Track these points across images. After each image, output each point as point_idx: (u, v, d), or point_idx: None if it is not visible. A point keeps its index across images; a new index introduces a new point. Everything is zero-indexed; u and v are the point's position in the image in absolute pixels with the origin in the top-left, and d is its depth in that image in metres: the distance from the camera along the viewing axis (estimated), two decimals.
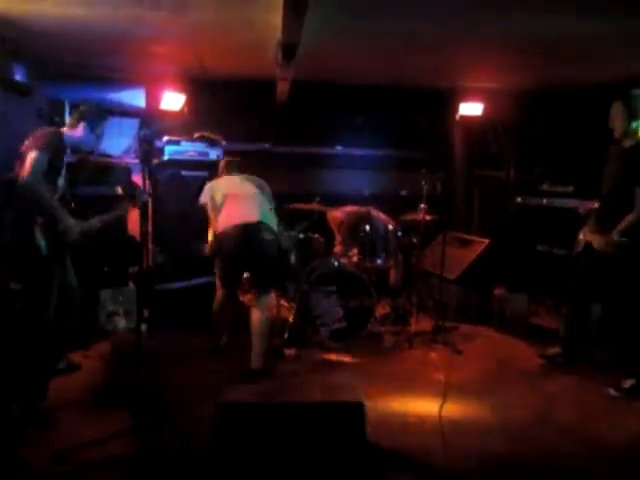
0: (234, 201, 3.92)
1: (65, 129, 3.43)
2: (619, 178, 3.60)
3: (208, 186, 4.10)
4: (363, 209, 5.21)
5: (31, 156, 3.05)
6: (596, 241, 3.68)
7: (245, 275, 4.18)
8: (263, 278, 3.90)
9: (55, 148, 3.18)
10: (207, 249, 4.07)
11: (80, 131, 3.41)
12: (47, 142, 3.13)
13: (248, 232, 3.78)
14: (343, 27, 4.16)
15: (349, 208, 5.55)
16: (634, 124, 3.51)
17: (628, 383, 3.64)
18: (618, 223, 3.52)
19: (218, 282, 4.05)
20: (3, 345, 3.36)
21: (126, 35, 4.41)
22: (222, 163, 4.40)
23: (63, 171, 3.34)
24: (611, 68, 5.07)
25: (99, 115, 3.49)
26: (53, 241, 3.18)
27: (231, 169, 4.26)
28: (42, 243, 3.14)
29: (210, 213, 4.00)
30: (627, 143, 3.60)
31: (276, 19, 3.65)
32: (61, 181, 3.33)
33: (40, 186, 3.07)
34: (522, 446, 2.96)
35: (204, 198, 4.03)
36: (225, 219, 3.87)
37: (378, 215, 5.47)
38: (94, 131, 3.45)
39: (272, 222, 3.98)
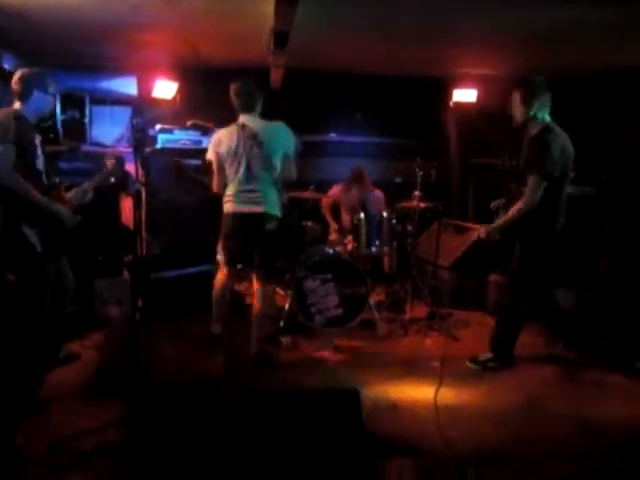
0: (238, 168, 3.63)
1: (18, 105, 3.18)
2: (521, 166, 3.59)
3: (215, 138, 3.75)
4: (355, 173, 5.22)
5: None
6: (480, 231, 3.74)
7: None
8: (267, 262, 3.79)
9: (17, 132, 2.99)
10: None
11: (36, 99, 3.19)
12: (5, 130, 2.95)
13: (251, 226, 3.67)
14: (336, 15, 4.14)
15: (339, 186, 5.55)
16: (532, 111, 3.47)
17: (485, 356, 3.77)
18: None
19: (222, 260, 3.85)
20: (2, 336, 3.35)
21: (118, 23, 4.37)
22: (231, 92, 3.72)
23: (39, 150, 3.19)
24: (606, 57, 5.07)
25: (42, 74, 3.27)
26: (48, 236, 3.14)
27: (242, 105, 3.69)
28: (35, 239, 3.09)
29: (216, 172, 3.74)
30: (532, 131, 3.54)
31: (268, 7, 3.62)
32: (39, 162, 3.19)
33: (16, 182, 2.95)
34: (517, 431, 2.98)
35: (209, 154, 3.75)
36: (229, 196, 3.69)
37: (372, 192, 5.48)
38: (48, 92, 3.26)
39: (276, 201, 3.72)
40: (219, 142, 3.69)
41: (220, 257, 3.87)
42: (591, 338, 4.13)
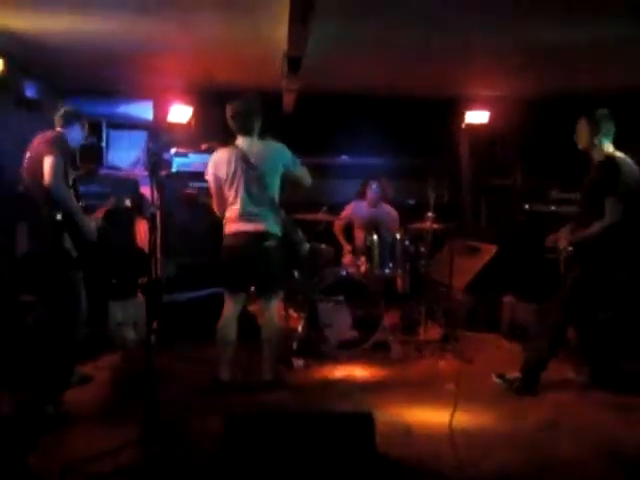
0: (237, 191, 3.63)
1: (62, 130, 3.46)
2: (587, 191, 3.71)
3: (213, 160, 3.72)
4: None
5: (48, 161, 3.11)
6: (562, 243, 3.75)
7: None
8: (269, 284, 3.77)
9: (66, 150, 3.27)
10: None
11: (76, 131, 3.52)
12: (60, 146, 3.21)
13: (252, 243, 3.64)
14: (348, 38, 4.20)
15: (350, 205, 5.58)
16: (596, 139, 3.63)
17: (514, 375, 3.76)
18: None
19: (225, 291, 3.83)
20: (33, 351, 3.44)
21: (134, 50, 4.48)
22: (227, 113, 3.68)
23: (72, 172, 3.43)
24: (617, 76, 5.08)
25: (81, 112, 3.64)
26: (76, 244, 3.29)
27: (238, 128, 3.67)
28: (70, 245, 3.26)
29: (215, 193, 3.72)
30: (596, 157, 3.68)
31: (282, 32, 3.69)
32: (70, 182, 3.39)
33: (67, 190, 3.19)
34: (533, 455, 2.93)
35: (208, 176, 3.73)
36: (230, 218, 3.69)
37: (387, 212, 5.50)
38: (83, 129, 3.60)
39: (276, 220, 3.71)
40: (217, 165, 3.69)
41: (225, 286, 3.82)
42: (614, 360, 4.06)
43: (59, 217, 3.20)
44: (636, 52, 4.35)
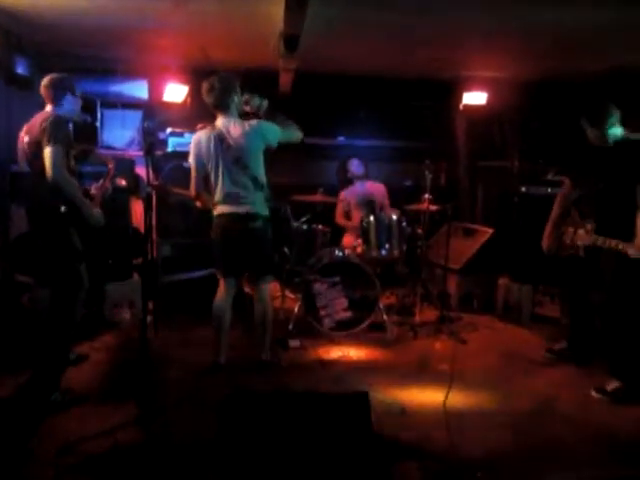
0: (218, 172, 3.57)
1: (51, 108, 3.30)
2: (607, 176, 3.50)
3: (195, 141, 3.65)
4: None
5: (48, 153, 3.05)
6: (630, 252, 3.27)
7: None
8: (260, 266, 3.73)
9: (65, 135, 3.18)
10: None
11: (68, 101, 3.35)
12: (58, 132, 3.11)
13: (236, 225, 3.59)
14: (345, 18, 4.15)
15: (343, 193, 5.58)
16: (605, 137, 3.50)
17: (612, 385, 3.44)
18: (611, 223, 3.35)
19: (218, 274, 3.79)
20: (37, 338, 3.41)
21: (128, 27, 4.41)
22: (202, 91, 3.62)
23: (72, 152, 3.35)
24: (616, 58, 5.04)
25: (69, 78, 3.40)
26: (81, 234, 3.27)
27: (214, 104, 3.60)
28: (76, 238, 3.25)
29: (195, 173, 3.63)
30: (607, 143, 3.54)
31: (278, 11, 3.64)
32: (73, 164, 3.33)
33: (70, 179, 3.13)
34: (526, 436, 2.97)
35: (190, 158, 3.66)
36: (216, 201, 3.62)
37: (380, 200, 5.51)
38: (76, 94, 3.41)
39: (261, 200, 3.62)
40: (199, 147, 3.61)
41: (217, 270, 3.78)
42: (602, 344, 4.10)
43: (63, 209, 3.16)
44: (633, 35, 4.32)
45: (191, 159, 3.66)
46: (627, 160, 3.43)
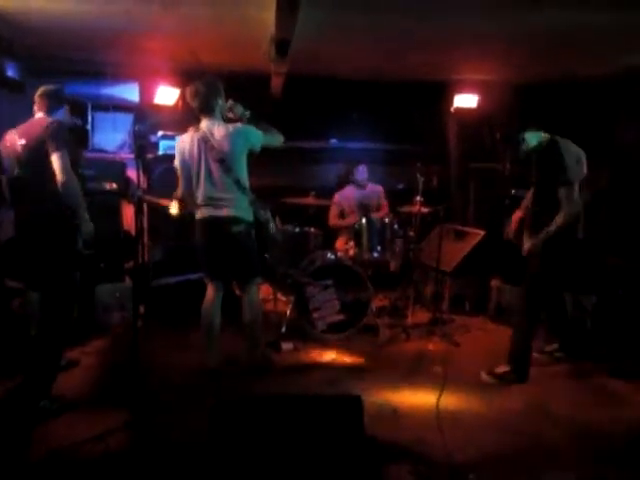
0: (200, 175, 3.54)
1: (43, 115, 3.30)
2: (539, 179, 3.71)
3: (179, 145, 3.64)
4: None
5: (57, 158, 3.06)
6: (525, 248, 3.74)
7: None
8: (244, 271, 3.70)
9: (68, 140, 3.18)
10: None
11: (62, 112, 3.38)
12: (63, 137, 3.13)
13: (218, 229, 3.57)
14: (336, 22, 4.15)
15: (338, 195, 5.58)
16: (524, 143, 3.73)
17: (502, 369, 3.70)
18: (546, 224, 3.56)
19: (205, 278, 3.77)
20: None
21: (119, 30, 4.40)
22: (186, 96, 3.66)
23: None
24: (608, 62, 5.08)
25: (63, 89, 3.46)
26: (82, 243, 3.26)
27: (198, 108, 3.60)
28: (81, 245, 3.24)
29: (181, 177, 3.62)
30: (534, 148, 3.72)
31: (269, 15, 3.63)
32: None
33: (78, 186, 3.14)
34: (518, 437, 2.97)
35: (176, 161, 3.65)
36: (198, 204, 3.59)
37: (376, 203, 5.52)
38: (68, 112, 3.45)
39: (243, 204, 3.58)
40: (183, 149, 3.60)
41: (203, 273, 3.77)
42: (593, 344, 4.13)
43: (70, 214, 3.15)
44: (621, 37, 4.35)
45: (176, 161, 3.65)
46: (539, 166, 3.67)
